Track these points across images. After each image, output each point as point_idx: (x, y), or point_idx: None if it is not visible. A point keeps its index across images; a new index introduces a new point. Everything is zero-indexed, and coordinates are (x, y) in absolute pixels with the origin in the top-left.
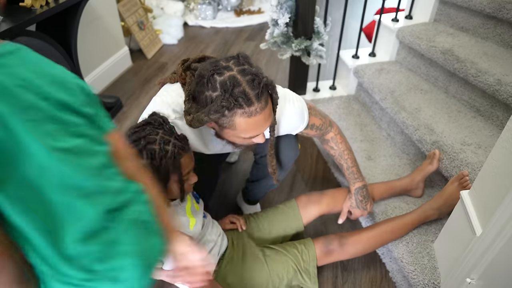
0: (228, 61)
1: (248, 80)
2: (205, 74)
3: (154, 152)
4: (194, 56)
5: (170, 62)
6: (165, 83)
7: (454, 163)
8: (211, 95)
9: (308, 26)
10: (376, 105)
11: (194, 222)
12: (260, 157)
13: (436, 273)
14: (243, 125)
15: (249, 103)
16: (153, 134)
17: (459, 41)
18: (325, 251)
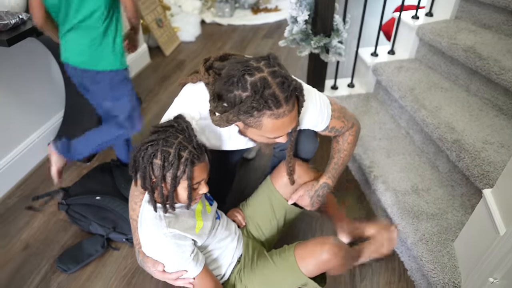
0: (259, 62)
1: (279, 83)
2: (235, 73)
3: (168, 155)
4: (215, 55)
5: (188, 59)
6: (187, 83)
7: (476, 162)
8: (241, 95)
9: (327, 23)
10: (395, 103)
11: (201, 225)
12: (279, 150)
13: (456, 272)
14: (269, 126)
15: (278, 105)
16: (173, 138)
17: (482, 38)
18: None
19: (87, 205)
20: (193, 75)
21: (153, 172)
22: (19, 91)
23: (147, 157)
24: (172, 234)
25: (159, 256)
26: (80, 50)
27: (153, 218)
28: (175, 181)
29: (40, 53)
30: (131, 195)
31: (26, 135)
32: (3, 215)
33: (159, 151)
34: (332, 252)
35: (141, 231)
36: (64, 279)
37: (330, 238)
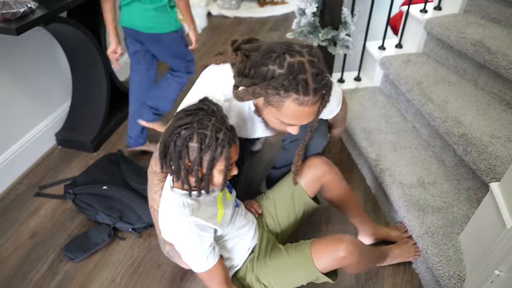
0: (302, 47)
1: (314, 73)
2: (276, 49)
3: (205, 137)
4: (242, 38)
5: (194, 51)
6: (209, 64)
7: (483, 156)
8: (275, 71)
9: (335, 16)
10: (402, 96)
11: (222, 214)
12: (289, 142)
13: (461, 265)
14: (289, 110)
15: (305, 92)
16: (206, 120)
17: (491, 33)
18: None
19: (94, 195)
20: (217, 57)
21: (188, 156)
22: (27, 81)
23: (181, 141)
24: (196, 223)
25: (178, 243)
26: (147, 17)
27: (176, 205)
28: (212, 164)
29: (47, 43)
30: (151, 184)
31: (33, 125)
32: (12, 203)
33: (195, 133)
34: (348, 250)
35: (163, 219)
36: (71, 268)
37: (347, 235)
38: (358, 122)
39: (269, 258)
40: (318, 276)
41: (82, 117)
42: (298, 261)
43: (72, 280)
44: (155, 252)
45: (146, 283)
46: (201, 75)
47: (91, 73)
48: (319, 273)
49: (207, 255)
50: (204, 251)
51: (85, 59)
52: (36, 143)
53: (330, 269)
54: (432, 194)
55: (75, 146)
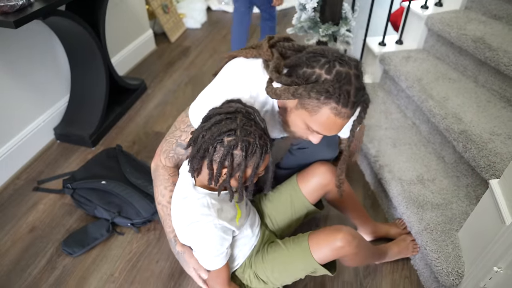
0: (351, 60)
1: (357, 87)
2: (327, 55)
3: (249, 145)
4: (279, 35)
5: (193, 46)
6: (237, 56)
7: (483, 153)
8: (321, 75)
9: (336, 11)
10: (402, 93)
11: (239, 215)
12: (297, 148)
13: (460, 262)
14: (323, 117)
15: (345, 104)
16: (248, 126)
17: (492, 29)
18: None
19: (93, 190)
20: (249, 50)
21: (232, 162)
22: (25, 75)
23: (226, 149)
24: (221, 226)
25: (197, 243)
26: None
27: (201, 205)
28: (256, 169)
29: (46, 36)
30: (160, 179)
31: (32, 119)
32: (10, 197)
33: (239, 141)
34: (346, 240)
35: (182, 218)
36: (69, 262)
37: (345, 226)
38: None
39: (266, 253)
40: (316, 268)
41: (81, 111)
42: (296, 253)
43: (70, 275)
44: (153, 247)
45: (145, 278)
46: (227, 65)
47: (90, 67)
48: (317, 264)
49: (223, 256)
50: (221, 252)
51: (84, 53)
52: (34, 137)
53: (328, 260)
54: (431, 191)
55: (74, 140)
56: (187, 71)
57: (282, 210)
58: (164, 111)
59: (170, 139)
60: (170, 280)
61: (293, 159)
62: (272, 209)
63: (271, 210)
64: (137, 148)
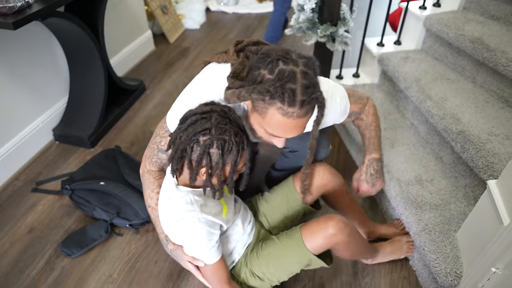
0: (300, 57)
1: (304, 84)
2: (272, 54)
3: (224, 143)
4: (249, 39)
5: (192, 47)
6: (211, 62)
7: (481, 153)
8: (264, 75)
9: (334, 12)
10: (401, 93)
11: (226, 210)
12: (289, 151)
13: (458, 262)
14: (273, 119)
15: (291, 103)
16: (223, 124)
17: (490, 30)
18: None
19: (91, 190)
20: (220, 55)
21: (210, 162)
22: (23, 76)
23: (202, 148)
24: (206, 219)
25: (186, 240)
26: None
27: (184, 203)
28: (235, 166)
29: (45, 37)
30: (147, 183)
31: (31, 120)
32: (9, 198)
33: (215, 140)
34: (338, 227)
35: (168, 217)
36: (68, 263)
37: (336, 215)
38: None
39: (261, 249)
40: (311, 259)
41: (80, 112)
42: (289, 245)
43: (69, 276)
44: (152, 248)
45: (143, 279)
46: (201, 72)
47: (89, 68)
48: (311, 254)
49: (214, 249)
50: (211, 246)
51: (83, 54)
52: (33, 138)
53: (321, 249)
54: (430, 191)
55: (73, 141)
56: (186, 71)
57: (277, 210)
58: (163, 112)
59: (152, 145)
60: (168, 281)
61: (286, 161)
62: (268, 208)
63: (267, 209)
64: (135, 149)
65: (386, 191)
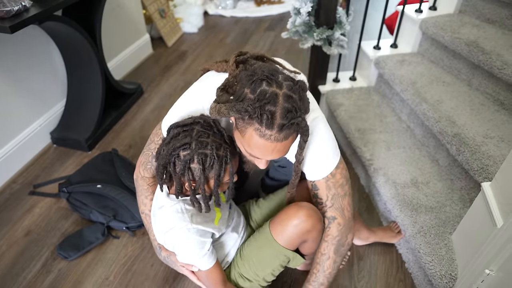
0: (286, 80)
1: (285, 108)
2: (258, 73)
3: (206, 157)
4: (253, 52)
5: (190, 50)
6: (210, 70)
7: (476, 156)
8: (246, 94)
9: (330, 15)
10: (397, 96)
11: (219, 217)
12: (278, 165)
13: (453, 265)
14: (251, 139)
15: (268, 126)
16: (204, 137)
17: (485, 33)
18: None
19: (88, 193)
20: (220, 63)
21: (192, 177)
22: (21, 79)
23: (182, 164)
24: (196, 229)
25: (177, 248)
26: None
27: (175, 211)
28: (218, 181)
29: (42, 41)
30: (140, 189)
31: (28, 123)
32: (6, 201)
33: (195, 155)
34: (307, 214)
35: (161, 226)
36: (65, 266)
37: (305, 203)
38: (352, 122)
39: (243, 250)
40: (286, 254)
41: (77, 115)
42: (262, 241)
43: (65, 279)
44: (148, 251)
45: (140, 281)
46: (199, 79)
47: (86, 72)
48: (285, 249)
49: (207, 256)
50: (203, 254)
51: (80, 57)
52: (30, 141)
53: (294, 242)
54: (425, 194)
55: (70, 144)
56: (184, 75)
57: (268, 217)
58: (161, 115)
59: (147, 151)
60: (164, 284)
61: (277, 173)
62: (260, 213)
63: (259, 214)
64: (133, 152)
65: (382, 193)
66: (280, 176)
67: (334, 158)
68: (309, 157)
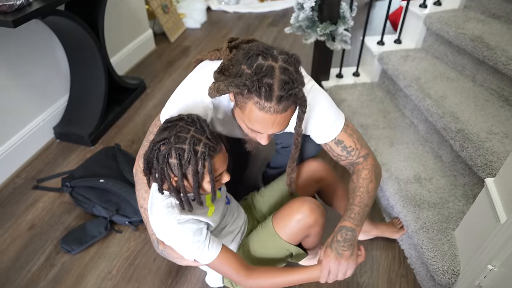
0: (281, 53)
1: (282, 80)
2: (253, 49)
3: (183, 152)
4: (243, 38)
5: (193, 46)
6: (204, 60)
7: (479, 152)
8: (243, 70)
9: (334, 10)
10: (400, 92)
11: (212, 210)
12: (281, 147)
13: (456, 260)
14: (251, 113)
15: (267, 98)
16: (184, 132)
17: (490, 28)
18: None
19: (91, 188)
20: (213, 52)
21: (172, 172)
22: (24, 74)
23: (162, 158)
24: (186, 219)
25: (174, 244)
26: None
27: (164, 207)
28: (197, 177)
29: (45, 36)
30: (140, 183)
31: (31, 118)
32: (10, 196)
33: (172, 149)
34: (310, 208)
35: (154, 221)
36: (68, 260)
37: (309, 197)
38: (355, 117)
39: (246, 244)
40: (289, 248)
41: (80, 110)
42: (265, 235)
43: (69, 272)
44: (151, 246)
45: (142, 275)
46: (194, 69)
47: (89, 67)
48: (288, 244)
49: (208, 245)
50: (202, 242)
51: (83, 52)
52: (34, 136)
53: (297, 237)
54: (428, 190)
55: (73, 139)
56: (187, 71)
57: (272, 205)
58: None
59: (145, 143)
60: (167, 278)
61: (280, 158)
62: (262, 202)
63: (261, 204)
64: (136, 147)
65: (385, 189)
66: (282, 161)
67: (341, 112)
68: (322, 117)
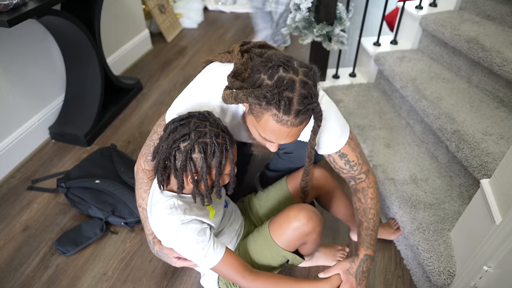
0: (301, 66)
1: (302, 94)
2: (274, 60)
3: (206, 145)
4: (255, 42)
5: (189, 46)
6: (214, 61)
7: (475, 153)
8: (263, 80)
9: (330, 11)
10: (396, 93)
11: (213, 213)
12: (284, 152)
13: (452, 261)
14: (267, 124)
15: (286, 111)
16: (202, 127)
17: (485, 30)
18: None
19: (87, 189)
20: (224, 54)
21: (195, 168)
22: (20, 74)
23: (184, 155)
24: (189, 219)
25: (178, 245)
26: None
27: (167, 207)
28: (220, 169)
29: (41, 36)
30: (140, 182)
31: (27, 118)
32: (4, 196)
33: (195, 144)
34: (307, 216)
35: (155, 222)
36: (63, 261)
37: (306, 205)
38: (352, 118)
39: (242, 248)
40: (285, 255)
41: (76, 111)
42: (261, 242)
43: (63, 274)
44: (147, 247)
45: (138, 277)
46: (203, 71)
47: (85, 67)
48: (284, 251)
49: (212, 246)
50: (206, 242)
51: (79, 52)
52: (29, 136)
53: (293, 244)
54: (424, 191)
55: (69, 140)
56: (183, 71)
57: (269, 208)
58: (160, 111)
59: (149, 142)
60: (163, 279)
61: (281, 162)
62: (259, 206)
63: (258, 207)
64: (132, 148)
65: (381, 190)
66: (283, 165)
67: (346, 123)
68: (331, 130)
